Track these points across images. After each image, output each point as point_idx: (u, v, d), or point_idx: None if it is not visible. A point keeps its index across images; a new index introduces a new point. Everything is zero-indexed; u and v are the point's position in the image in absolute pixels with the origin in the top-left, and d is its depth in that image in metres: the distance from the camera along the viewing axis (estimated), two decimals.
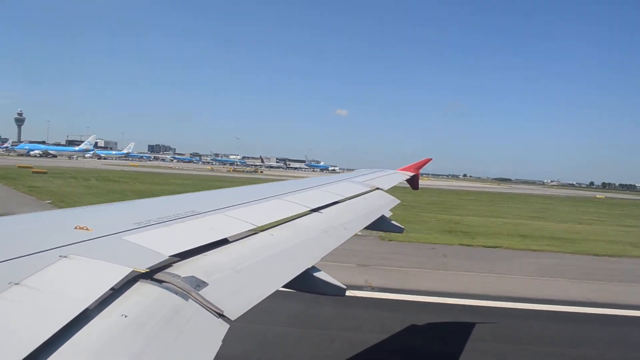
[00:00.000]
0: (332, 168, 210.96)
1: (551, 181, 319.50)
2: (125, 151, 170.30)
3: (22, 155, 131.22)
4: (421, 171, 10.10)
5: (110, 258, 2.05)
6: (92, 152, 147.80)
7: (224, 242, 2.84)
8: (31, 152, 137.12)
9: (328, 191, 5.42)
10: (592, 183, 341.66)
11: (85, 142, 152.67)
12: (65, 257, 1.95)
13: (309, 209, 4.26)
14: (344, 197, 5.31)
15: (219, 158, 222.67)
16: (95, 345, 1.55)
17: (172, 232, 2.69)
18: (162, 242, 2.42)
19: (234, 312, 2.09)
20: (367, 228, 5.01)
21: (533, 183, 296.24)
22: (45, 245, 2.03)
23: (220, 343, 1.84)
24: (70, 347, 1.48)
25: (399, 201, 6.70)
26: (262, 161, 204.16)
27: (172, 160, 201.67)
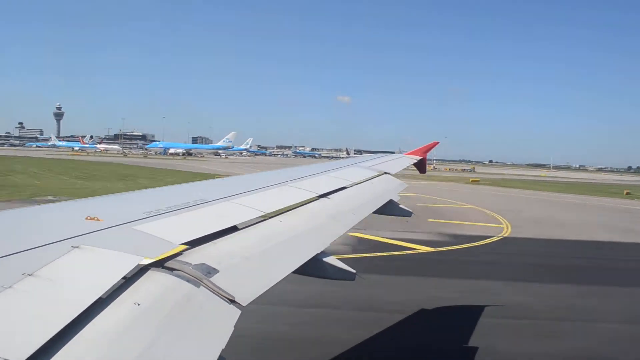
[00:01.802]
0: None
1: (579, 166, 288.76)
2: (243, 147, 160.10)
3: (161, 154, 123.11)
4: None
5: (122, 247, 2.07)
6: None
7: (233, 229, 2.85)
8: (170, 151, 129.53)
9: (336, 177, 5.41)
10: (630, 167, 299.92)
11: (225, 139, 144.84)
12: (77, 247, 1.97)
13: (317, 195, 4.26)
14: (352, 183, 5.30)
15: (298, 150, 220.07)
16: (110, 333, 1.57)
17: (181, 220, 2.70)
18: (172, 231, 2.43)
19: (246, 298, 2.10)
20: (375, 212, 5.01)
21: (568, 168, 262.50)
22: (57, 236, 2.04)
23: (233, 329, 1.86)
24: (85, 336, 1.50)
25: (406, 185, 6.67)
26: (348, 153, 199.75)
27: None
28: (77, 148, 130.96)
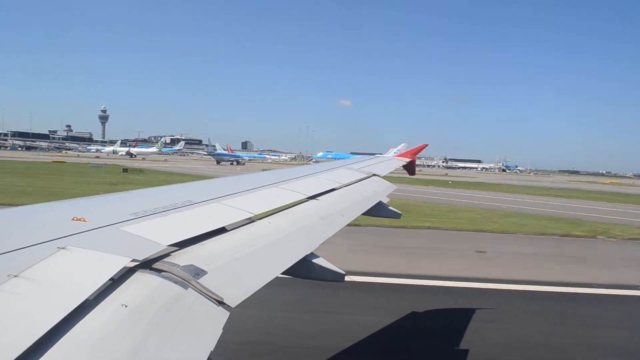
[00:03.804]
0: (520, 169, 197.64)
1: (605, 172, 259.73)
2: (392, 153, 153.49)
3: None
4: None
5: (109, 249, 2.05)
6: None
7: (221, 230, 2.84)
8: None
9: (325, 179, 5.42)
10: None
11: (396, 150, 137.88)
12: (63, 248, 1.95)
13: (306, 197, 4.27)
14: (341, 184, 5.32)
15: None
16: (96, 335, 1.55)
17: (169, 221, 2.68)
18: (159, 232, 2.42)
19: (234, 299, 2.10)
20: (364, 214, 5.02)
21: (600, 174, 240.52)
22: (43, 237, 2.02)
23: (221, 330, 1.85)
24: (71, 338, 1.49)
25: (395, 187, 6.70)
26: (447, 161, 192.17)
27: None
28: (247, 158, 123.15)
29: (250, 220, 3.21)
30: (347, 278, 3.39)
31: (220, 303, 2.03)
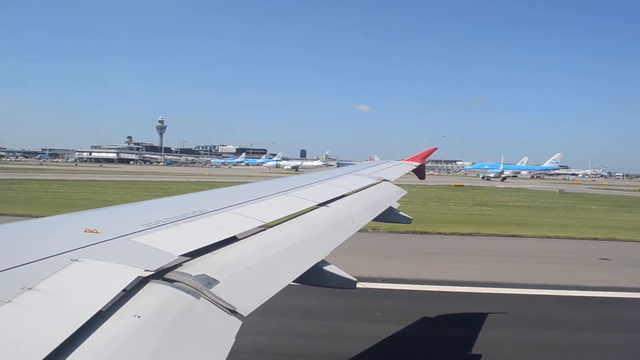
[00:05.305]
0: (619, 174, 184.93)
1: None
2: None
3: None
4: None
5: (121, 260, 2.07)
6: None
7: (233, 239, 2.85)
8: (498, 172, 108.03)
9: (334, 185, 5.42)
10: None
11: (551, 160, 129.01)
12: (76, 260, 1.96)
13: (317, 204, 4.26)
14: (350, 190, 5.31)
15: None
16: (110, 346, 1.56)
17: (180, 231, 2.70)
18: (171, 242, 2.43)
19: (246, 308, 2.10)
20: (375, 220, 5.00)
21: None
22: (56, 249, 2.04)
23: (234, 339, 1.85)
24: (85, 350, 1.49)
25: (405, 192, 6.66)
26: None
27: None
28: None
29: (261, 229, 3.21)
30: (358, 285, 3.37)
31: (233, 312, 2.03)
